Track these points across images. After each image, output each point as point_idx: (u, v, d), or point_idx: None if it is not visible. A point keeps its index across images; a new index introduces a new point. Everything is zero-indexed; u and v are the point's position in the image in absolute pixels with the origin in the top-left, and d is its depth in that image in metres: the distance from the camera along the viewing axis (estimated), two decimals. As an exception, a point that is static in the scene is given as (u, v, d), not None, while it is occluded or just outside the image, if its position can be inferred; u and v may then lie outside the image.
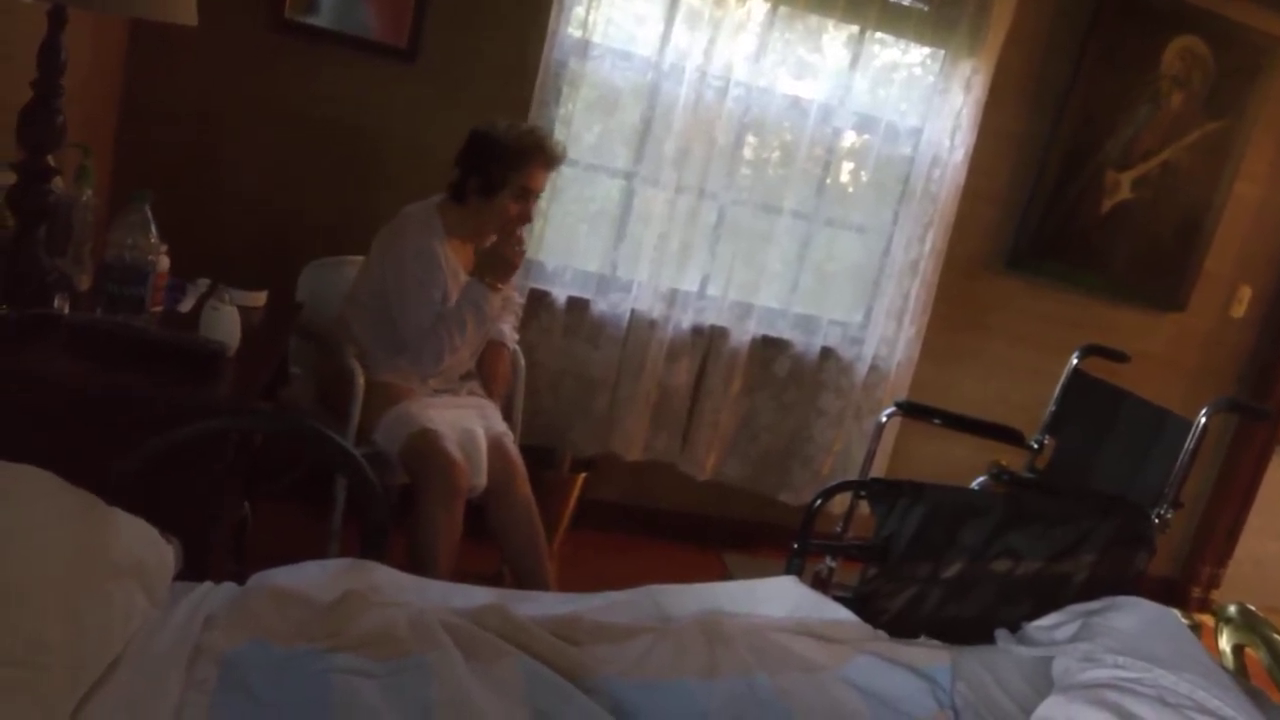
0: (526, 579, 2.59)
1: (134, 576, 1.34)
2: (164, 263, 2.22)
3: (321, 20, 2.99)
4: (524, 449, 2.75)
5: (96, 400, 1.79)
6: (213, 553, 1.82)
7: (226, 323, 2.05)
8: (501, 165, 2.55)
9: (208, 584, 1.55)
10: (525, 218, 2.64)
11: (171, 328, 2.10)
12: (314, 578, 1.60)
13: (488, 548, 2.72)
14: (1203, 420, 2.61)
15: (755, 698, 1.57)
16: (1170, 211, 3.68)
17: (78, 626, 1.19)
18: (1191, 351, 3.91)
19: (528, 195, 2.61)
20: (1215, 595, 4.10)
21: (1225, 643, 2.28)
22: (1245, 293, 3.89)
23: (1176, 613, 1.97)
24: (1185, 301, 3.81)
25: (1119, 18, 3.42)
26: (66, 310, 1.96)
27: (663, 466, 3.48)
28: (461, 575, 2.08)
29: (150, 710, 1.23)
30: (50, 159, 1.94)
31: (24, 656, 1.10)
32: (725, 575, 3.41)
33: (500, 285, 2.57)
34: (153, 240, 2.11)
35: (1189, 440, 2.62)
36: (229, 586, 1.56)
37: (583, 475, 3.27)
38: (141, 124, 2.95)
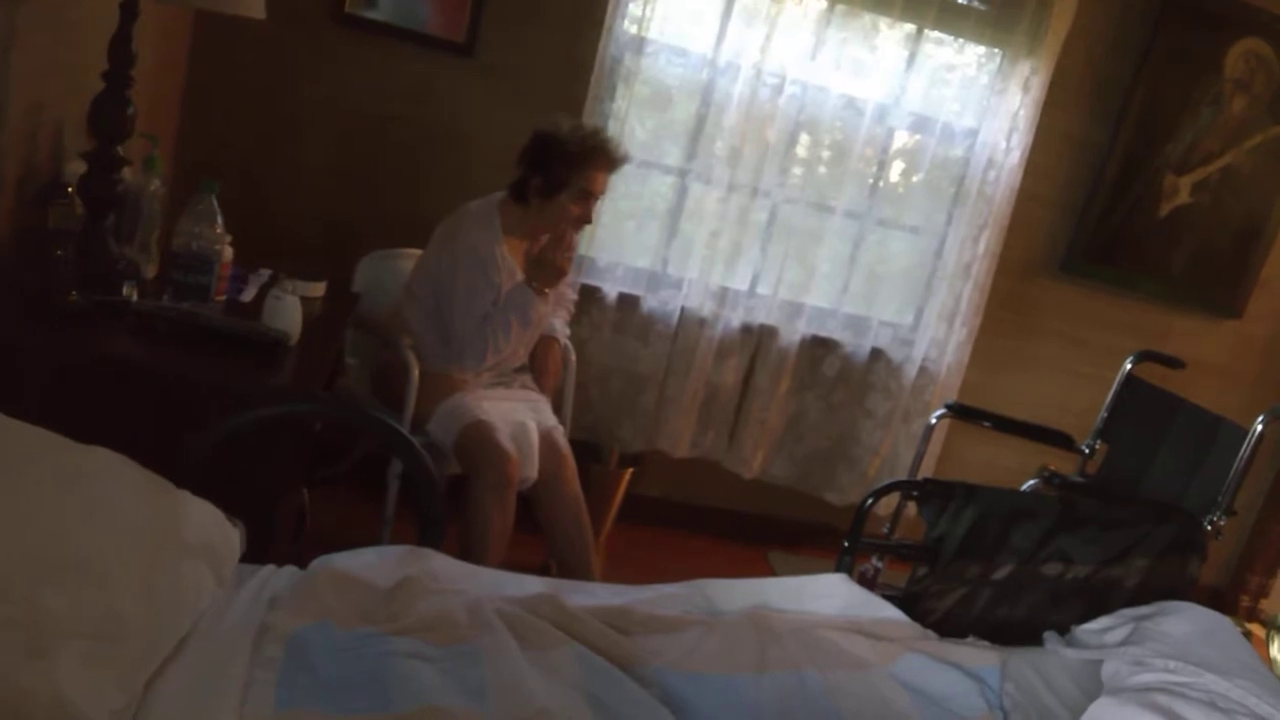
0: (573, 571, 2.62)
1: (203, 557, 1.38)
2: (228, 252, 2.26)
3: (381, 14, 3.03)
4: (572, 443, 2.76)
5: (164, 386, 1.84)
6: (274, 536, 1.86)
7: (289, 312, 2.08)
8: (563, 166, 2.56)
9: (270, 566, 1.60)
10: (585, 219, 2.66)
11: (235, 316, 2.15)
12: (373, 563, 1.64)
13: (534, 540, 2.75)
14: (1258, 428, 2.58)
15: (804, 693, 1.58)
16: (1229, 217, 3.62)
17: (152, 603, 1.23)
18: (1248, 359, 3.84)
19: (588, 197, 2.61)
20: (1265, 605, 4.03)
21: (1277, 651, 2.26)
22: (1305, 300, 3.81)
23: (1229, 619, 1.95)
24: (1242, 308, 3.75)
25: (1182, 20, 3.37)
26: (134, 298, 2.01)
27: (709, 464, 3.49)
28: (509, 566, 2.10)
29: (219, 685, 1.27)
30: (120, 149, 1.98)
31: (102, 630, 1.14)
32: (769, 573, 3.41)
33: (548, 290, 2.58)
34: (218, 230, 2.16)
35: (1243, 448, 2.59)
36: (291, 569, 1.60)
37: (629, 470, 3.29)
38: (204, 115, 3.02)
